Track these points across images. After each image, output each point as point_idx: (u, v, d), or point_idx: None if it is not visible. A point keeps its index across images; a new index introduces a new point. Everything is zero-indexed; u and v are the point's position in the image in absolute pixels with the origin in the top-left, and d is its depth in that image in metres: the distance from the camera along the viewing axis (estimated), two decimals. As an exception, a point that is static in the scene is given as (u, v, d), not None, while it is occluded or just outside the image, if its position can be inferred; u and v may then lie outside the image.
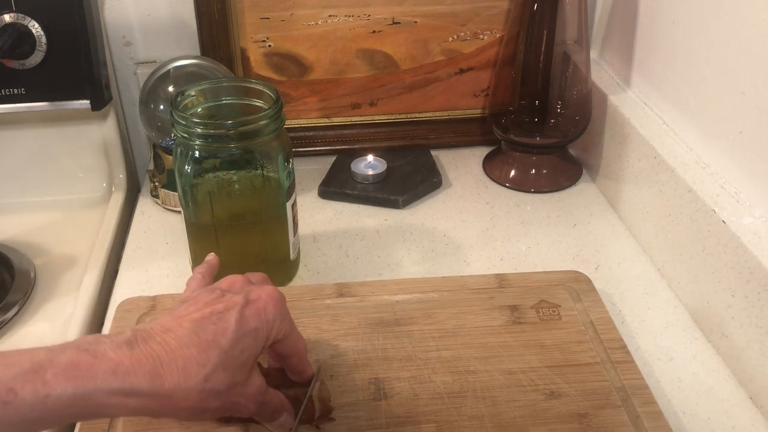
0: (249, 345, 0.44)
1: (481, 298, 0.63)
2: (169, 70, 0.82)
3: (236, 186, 0.63)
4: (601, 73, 0.87)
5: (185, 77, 0.81)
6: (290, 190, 0.65)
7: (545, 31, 0.82)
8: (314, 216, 0.81)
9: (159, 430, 0.51)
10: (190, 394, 0.41)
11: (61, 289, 0.72)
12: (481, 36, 0.90)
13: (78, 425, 0.52)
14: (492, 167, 0.90)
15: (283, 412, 0.49)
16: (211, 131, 0.60)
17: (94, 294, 0.70)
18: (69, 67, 0.76)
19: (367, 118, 0.93)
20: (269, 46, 0.88)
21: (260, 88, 0.64)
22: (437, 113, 0.94)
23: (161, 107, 0.82)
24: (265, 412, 0.48)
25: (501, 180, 0.87)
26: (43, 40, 0.73)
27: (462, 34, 0.89)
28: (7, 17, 0.73)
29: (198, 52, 0.88)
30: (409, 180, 0.85)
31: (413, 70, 0.91)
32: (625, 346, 0.58)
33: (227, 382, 0.43)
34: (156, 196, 0.82)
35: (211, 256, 0.55)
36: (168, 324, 0.43)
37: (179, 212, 0.72)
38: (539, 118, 0.87)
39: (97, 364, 0.39)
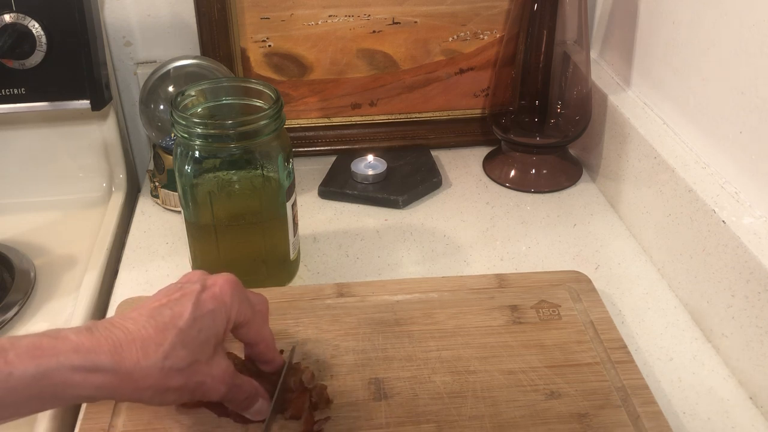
0: (207, 325, 0.46)
1: (481, 298, 0.63)
2: (169, 70, 0.82)
3: (236, 186, 0.63)
4: (601, 73, 0.87)
5: (185, 77, 0.81)
6: (290, 190, 0.65)
7: (545, 31, 0.82)
8: (314, 216, 0.81)
9: (159, 430, 0.51)
10: (151, 371, 0.42)
11: (61, 289, 0.72)
12: (481, 36, 0.90)
13: (78, 424, 0.52)
14: (492, 167, 0.90)
15: (258, 398, 0.50)
16: (211, 131, 0.60)
17: (94, 294, 0.70)
18: (69, 67, 0.76)
19: (367, 118, 0.93)
20: (269, 46, 0.88)
21: (260, 88, 0.64)
22: (437, 113, 0.94)
23: (161, 107, 0.82)
24: (237, 397, 0.49)
25: (501, 180, 0.87)
26: (43, 40, 0.73)
27: (462, 34, 0.89)
28: (7, 17, 0.73)
29: (198, 52, 0.88)
30: (409, 180, 0.85)
31: (413, 70, 0.91)
32: (625, 346, 0.58)
33: (188, 360, 0.44)
34: (156, 196, 0.82)
35: None
36: (128, 314, 0.45)
37: (179, 212, 0.72)
38: (539, 118, 0.87)
39: (59, 344, 0.41)
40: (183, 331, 0.44)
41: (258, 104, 0.64)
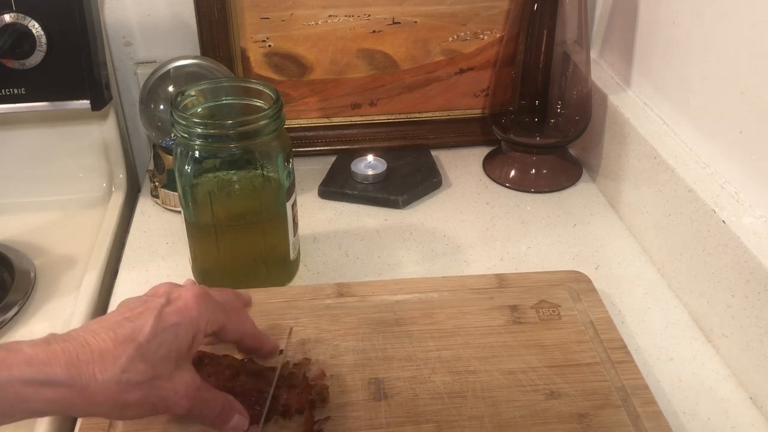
0: (168, 339, 0.45)
1: (481, 298, 0.63)
2: (169, 70, 0.82)
3: (236, 186, 0.63)
4: (601, 73, 0.87)
5: (185, 77, 0.81)
6: (290, 190, 0.65)
7: (545, 31, 0.82)
8: (314, 216, 0.81)
9: (158, 430, 0.51)
10: (107, 385, 0.42)
11: (61, 289, 0.72)
12: (481, 36, 0.90)
13: (78, 423, 0.52)
14: (492, 167, 0.90)
15: (233, 413, 0.49)
16: (211, 131, 0.60)
17: (94, 294, 0.70)
18: (69, 67, 0.76)
19: (367, 118, 0.93)
20: (269, 46, 0.88)
21: (260, 88, 0.64)
22: (437, 113, 0.94)
23: (161, 107, 0.82)
24: (206, 413, 0.47)
25: (501, 180, 0.87)
26: (43, 40, 0.74)
27: (462, 34, 0.89)
28: (7, 17, 0.73)
29: (198, 52, 0.88)
30: (409, 180, 0.85)
31: (413, 70, 0.91)
32: (625, 346, 0.58)
33: (147, 374, 0.43)
34: (156, 196, 0.82)
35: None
36: (89, 326, 0.44)
37: (179, 212, 0.72)
38: (539, 118, 0.87)
39: (12, 357, 0.40)
40: (142, 345, 0.43)
41: (258, 104, 0.64)
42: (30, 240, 0.79)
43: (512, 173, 0.87)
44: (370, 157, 0.86)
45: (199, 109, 0.64)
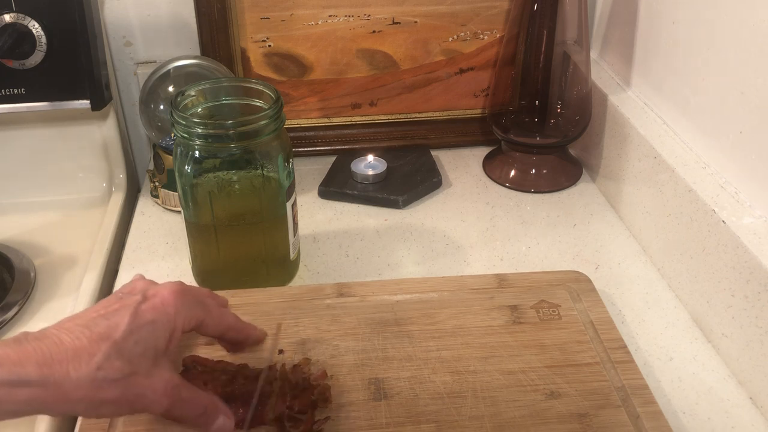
0: (145, 337, 0.44)
1: (481, 298, 0.63)
2: (169, 70, 0.82)
3: (236, 186, 0.63)
4: (601, 73, 0.87)
5: (185, 77, 0.81)
6: (290, 190, 0.65)
7: (545, 31, 0.82)
8: (314, 216, 0.81)
9: (159, 431, 0.51)
10: (82, 383, 0.41)
11: (61, 289, 0.72)
12: (481, 36, 0.90)
13: (79, 423, 0.52)
14: (492, 167, 0.90)
15: (217, 415, 0.48)
16: (211, 131, 0.60)
17: (94, 294, 0.70)
18: (69, 67, 0.76)
19: (367, 118, 0.93)
20: (269, 46, 0.88)
21: (260, 88, 0.64)
22: (437, 113, 0.94)
23: (161, 107, 0.82)
24: (187, 412, 0.46)
25: (501, 180, 0.87)
26: (43, 40, 0.74)
27: (462, 34, 0.89)
28: (7, 17, 0.73)
29: (198, 52, 0.88)
30: (409, 180, 0.85)
31: (413, 70, 0.91)
32: (625, 346, 0.58)
33: (123, 371, 0.43)
34: (156, 196, 0.82)
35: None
36: (63, 324, 0.44)
37: (179, 212, 0.72)
38: (539, 118, 0.87)
39: None
40: (118, 342, 0.43)
41: (258, 104, 0.64)
42: (30, 240, 0.79)
43: (512, 173, 0.87)
44: (370, 157, 0.86)
45: (199, 109, 0.64)
